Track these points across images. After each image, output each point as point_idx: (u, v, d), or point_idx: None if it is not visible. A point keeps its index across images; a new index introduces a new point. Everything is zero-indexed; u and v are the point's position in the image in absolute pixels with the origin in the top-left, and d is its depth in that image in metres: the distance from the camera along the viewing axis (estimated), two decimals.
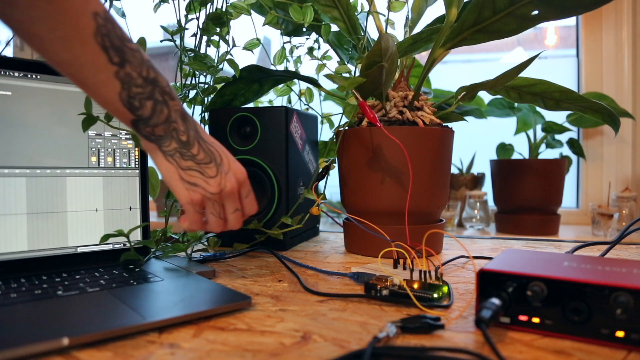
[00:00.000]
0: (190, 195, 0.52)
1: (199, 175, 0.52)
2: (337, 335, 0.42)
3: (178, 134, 0.51)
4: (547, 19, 0.65)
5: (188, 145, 0.51)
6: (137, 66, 0.47)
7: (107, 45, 0.45)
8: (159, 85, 0.49)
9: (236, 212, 0.56)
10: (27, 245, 0.60)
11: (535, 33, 1.50)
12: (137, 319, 0.42)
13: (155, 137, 0.50)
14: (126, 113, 0.48)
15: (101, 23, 0.44)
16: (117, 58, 0.46)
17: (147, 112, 0.49)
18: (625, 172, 1.30)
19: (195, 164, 0.52)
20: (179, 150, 0.51)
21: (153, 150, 0.51)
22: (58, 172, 0.62)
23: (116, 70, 0.46)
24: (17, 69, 0.61)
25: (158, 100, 0.49)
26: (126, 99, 0.47)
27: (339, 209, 1.28)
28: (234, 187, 0.54)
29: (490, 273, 0.43)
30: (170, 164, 0.51)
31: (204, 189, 0.52)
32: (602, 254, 0.68)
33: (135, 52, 0.47)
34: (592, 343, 0.39)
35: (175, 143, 0.51)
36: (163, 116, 0.50)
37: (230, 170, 0.54)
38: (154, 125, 0.50)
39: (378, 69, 0.67)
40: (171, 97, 0.50)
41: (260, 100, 1.07)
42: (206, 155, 0.53)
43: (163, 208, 1.44)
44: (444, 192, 0.79)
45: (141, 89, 0.48)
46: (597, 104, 0.78)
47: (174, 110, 0.51)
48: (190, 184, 0.52)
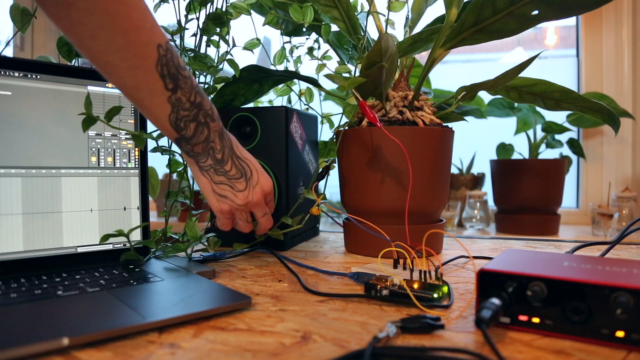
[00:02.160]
0: (220, 205, 0.61)
1: (229, 189, 0.60)
2: (337, 335, 0.42)
3: (214, 152, 0.57)
4: (547, 19, 0.65)
5: (222, 162, 0.58)
6: (187, 92, 0.52)
7: (165, 74, 0.50)
8: (203, 108, 0.55)
9: (265, 216, 0.66)
10: (22, 245, 0.60)
11: (535, 33, 1.50)
12: (137, 319, 0.42)
13: (194, 154, 0.57)
14: (172, 132, 0.54)
15: (162, 54, 0.49)
16: (172, 84, 0.51)
17: (190, 133, 0.54)
18: (625, 172, 1.30)
19: (226, 179, 0.59)
20: (213, 167, 0.58)
21: (191, 163, 0.59)
22: (53, 172, 0.62)
23: (169, 96, 0.51)
24: (17, 69, 0.61)
25: (200, 122, 0.55)
26: (174, 121, 0.53)
27: (339, 209, 1.28)
28: (260, 199, 0.62)
29: (490, 273, 0.43)
30: (205, 178, 0.59)
31: (232, 201, 0.60)
32: (602, 254, 0.68)
33: (187, 79, 0.52)
34: (592, 343, 0.39)
35: (210, 160, 0.58)
36: (203, 136, 0.56)
37: (259, 184, 0.62)
38: (194, 144, 0.56)
39: (378, 69, 0.67)
40: (212, 119, 0.56)
41: (260, 100, 1.07)
42: (237, 171, 0.60)
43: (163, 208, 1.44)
44: (444, 192, 0.79)
45: (188, 112, 0.53)
46: (597, 104, 0.78)
47: (213, 130, 0.57)
48: (221, 196, 0.60)
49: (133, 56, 0.47)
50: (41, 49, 1.47)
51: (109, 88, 0.68)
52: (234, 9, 0.82)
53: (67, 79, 0.64)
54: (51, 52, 1.46)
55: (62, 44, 0.75)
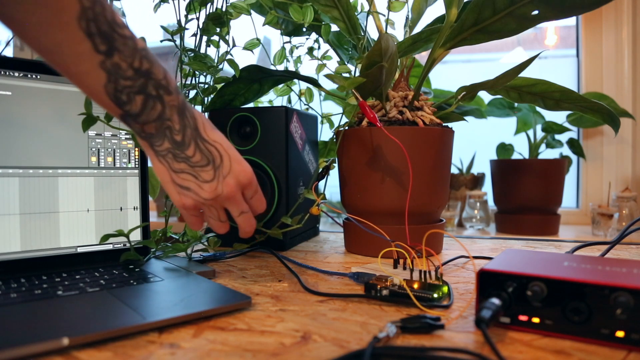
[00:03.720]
0: (182, 199, 0.49)
1: (192, 179, 0.48)
2: (337, 335, 0.42)
3: (172, 133, 0.46)
4: (547, 19, 0.65)
5: (182, 146, 0.47)
6: (128, 56, 0.42)
7: (92, 32, 0.40)
8: (154, 77, 0.44)
9: (242, 215, 0.53)
10: (20, 246, 0.60)
11: (535, 33, 1.50)
12: (137, 319, 0.42)
13: (146, 135, 0.46)
14: (113, 107, 0.44)
15: (87, 5, 0.39)
16: (104, 46, 0.41)
17: (136, 108, 0.44)
18: (625, 172, 1.30)
19: (188, 167, 0.48)
20: (171, 151, 0.47)
21: (145, 147, 0.48)
22: (50, 172, 0.62)
23: (102, 60, 0.41)
24: (17, 69, 0.61)
25: (150, 94, 0.44)
26: (112, 92, 0.43)
27: (339, 209, 1.28)
28: (232, 191, 0.50)
29: (490, 273, 0.43)
30: (162, 165, 0.48)
31: (196, 193, 0.49)
32: (602, 254, 0.68)
33: (127, 39, 0.42)
34: (592, 343, 0.39)
35: (168, 143, 0.47)
36: (155, 113, 0.45)
37: (231, 173, 0.50)
38: (143, 122, 0.45)
39: (378, 69, 0.67)
40: (167, 92, 0.46)
41: (260, 100, 1.07)
42: (203, 157, 0.48)
43: (163, 208, 1.44)
44: (444, 192, 0.79)
45: (131, 81, 0.43)
46: (597, 104, 0.78)
47: (170, 106, 0.46)
48: (182, 187, 0.49)
49: (43, 8, 0.37)
50: None
51: None
52: (234, 9, 0.82)
53: (67, 79, 0.64)
54: None
55: None
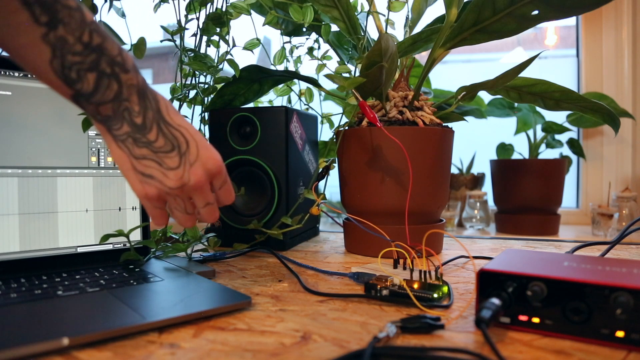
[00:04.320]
0: (144, 189, 0.45)
1: (155, 166, 0.44)
2: (337, 335, 0.42)
3: (131, 115, 0.43)
4: (547, 19, 0.65)
5: (144, 129, 0.43)
6: (76, 29, 0.38)
7: (29, 0, 0.36)
8: (107, 53, 0.40)
9: (208, 207, 0.49)
10: (19, 246, 0.60)
11: (535, 33, 1.50)
12: (137, 319, 0.42)
13: (102, 118, 0.42)
14: (62, 86, 0.40)
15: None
16: (45, 17, 0.37)
17: (88, 87, 0.40)
18: (625, 172, 1.30)
19: (151, 153, 0.44)
20: (131, 135, 0.43)
21: (103, 132, 0.44)
22: (49, 172, 0.62)
23: (44, 32, 0.37)
24: (17, 69, 0.61)
25: (104, 72, 0.40)
26: (59, 69, 0.39)
27: (339, 209, 1.28)
28: (200, 180, 0.46)
29: (490, 273, 0.43)
30: (121, 151, 0.44)
31: (161, 182, 0.45)
32: (602, 254, 0.68)
33: (73, 10, 0.39)
34: (592, 343, 0.39)
35: (127, 126, 0.43)
36: (111, 92, 0.41)
37: (198, 160, 0.46)
38: (98, 102, 0.41)
39: (378, 69, 0.67)
40: (124, 69, 0.42)
41: (260, 100, 1.07)
42: (167, 142, 0.44)
43: None
44: (444, 192, 0.79)
45: (80, 57, 0.39)
46: (597, 104, 0.78)
47: (127, 85, 0.42)
48: (144, 175, 0.44)
49: None
50: None
51: None
52: (234, 9, 0.82)
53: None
54: None
55: None
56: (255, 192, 0.84)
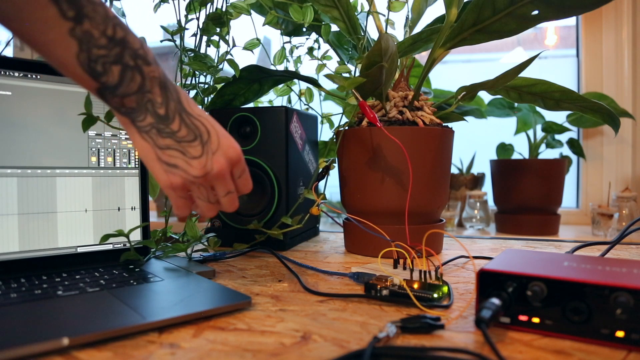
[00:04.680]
0: (169, 178, 0.45)
1: (179, 156, 0.45)
2: (337, 335, 0.42)
3: (154, 106, 0.44)
4: (547, 19, 0.65)
5: (167, 119, 0.44)
6: (100, 23, 0.40)
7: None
8: (130, 46, 0.42)
9: (229, 195, 0.49)
10: (18, 246, 0.60)
11: (535, 33, 1.50)
12: (137, 319, 0.42)
13: (127, 110, 0.43)
14: (88, 80, 0.41)
15: None
16: (72, 12, 0.38)
17: (113, 79, 0.41)
18: (625, 172, 1.30)
19: (175, 142, 0.45)
20: (155, 126, 0.44)
21: (126, 124, 0.45)
22: (48, 172, 0.62)
23: (71, 27, 0.38)
24: (17, 69, 0.61)
25: (128, 65, 0.42)
26: (86, 63, 0.40)
27: (339, 209, 1.28)
28: (223, 168, 0.47)
29: (490, 273, 0.43)
30: (145, 142, 0.44)
31: (185, 171, 0.45)
32: (602, 254, 0.68)
33: (97, 6, 0.40)
34: (592, 343, 0.39)
35: (151, 117, 0.44)
36: (135, 84, 0.42)
37: (220, 149, 0.47)
38: (123, 95, 0.42)
39: (378, 69, 0.67)
40: (146, 62, 0.43)
41: (260, 100, 1.07)
42: (189, 132, 0.45)
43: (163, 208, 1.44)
44: (444, 192, 0.79)
45: (105, 50, 0.40)
46: (597, 104, 0.78)
47: (150, 77, 0.43)
48: (169, 165, 0.45)
49: None
50: None
51: None
52: (234, 9, 0.82)
53: (67, 79, 0.64)
54: None
55: None
56: (256, 192, 0.84)
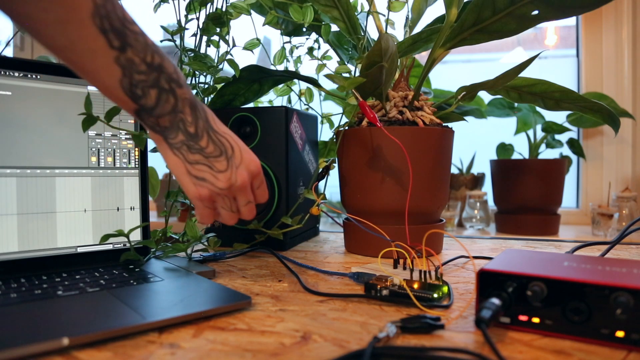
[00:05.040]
0: (198, 190, 0.50)
1: (207, 170, 0.50)
2: (337, 335, 0.42)
3: (185, 125, 0.48)
4: (547, 19, 0.65)
5: (196, 137, 0.49)
6: (140, 51, 0.44)
7: (106, 28, 0.41)
8: (165, 71, 0.46)
9: (248, 205, 0.54)
10: (17, 246, 0.60)
11: (535, 33, 1.50)
12: (137, 319, 0.42)
13: (161, 129, 0.48)
14: (129, 102, 0.45)
15: (99, 3, 0.41)
16: (118, 42, 0.42)
17: (151, 102, 0.46)
18: (625, 172, 1.30)
19: (203, 158, 0.49)
20: (186, 143, 0.48)
21: (159, 141, 0.49)
22: (47, 172, 0.62)
23: (116, 56, 0.43)
24: (17, 69, 0.61)
25: (164, 88, 0.46)
26: (128, 87, 0.44)
27: (339, 209, 1.28)
28: (245, 181, 0.52)
29: (490, 273, 0.43)
30: (177, 158, 0.49)
31: (212, 184, 0.50)
32: (602, 254, 0.68)
33: (138, 35, 0.44)
34: (592, 343, 0.39)
35: (182, 135, 0.48)
36: (169, 106, 0.47)
37: (242, 163, 0.52)
38: (158, 115, 0.47)
39: (378, 69, 0.67)
40: (179, 85, 0.47)
41: (260, 100, 1.07)
42: (216, 148, 0.50)
43: (163, 208, 1.44)
44: (444, 192, 0.79)
45: (144, 75, 0.44)
46: (597, 104, 0.78)
47: (182, 99, 0.48)
48: (198, 178, 0.50)
49: (59, 6, 0.38)
50: (41, 49, 1.47)
51: None
52: (234, 9, 0.82)
53: (67, 79, 0.64)
54: None
55: None
56: None
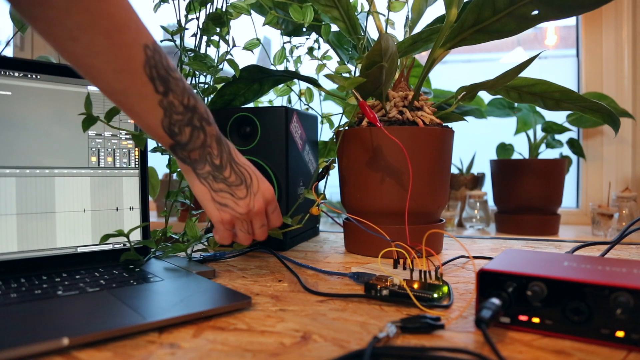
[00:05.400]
0: (220, 215, 0.56)
1: (229, 197, 0.56)
2: (337, 335, 0.42)
3: (212, 157, 0.54)
4: (547, 19, 0.65)
5: (221, 168, 0.55)
6: (180, 95, 0.50)
7: (154, 76, 0.47)
8: (198, 112, 0.52)
9: (262, 228, 0.60)
10: (16, 246, 0.60)
11: (535, 33, 1.50)
12: (137, 319, 0.42)
13: (191, 161, 0.53)
14: (166, 138, 0.51)
15: (150, 55, 0.47)
16: (162, 87, 0.48)
17: (185, 138, 0.51)
18: (625, 172, 1.30)
19: (226, 186, 0.55)
20: (212, 173, 0.54)
21: (188, 171, 0.55)
22: (47, 172, 0.62)
23: (160, 99, 0.48)
24: (17, 69, 0.61)
25: (196, 126, 0.52)
26: (167, 126, 0.50)
27: (339, 209, 1.28)
28: (262, 207, 0.58)
29: (490, 273, 0.43)
30: (203, 186, 0.55)
31: (233, 209, 0.56)
32: (602, 254, 0.68)
33: (178, 81, 0.50)
34: (592, 343, 0.39)
35: (208, 166, 0.54)
36: (199, 141, 0.52)
37: (259, 191, 0.58)
38: (190, 150, 0.52)
39: (378, 69, 0.67)
40: (208, 123, 0.53)
41: (260, 100, 1.07)
42: (237, 178, 0.56)
43: (163, 208, 1.44)
44: (444, 192, 0.79)
45: (181, 116, 0.50)
46: (597, 104, 0.78)
47: (210, 135, 0.53)
48: (221, 204, 0.56)
49: (118, 59, 0.45)
50: (41, 49, 1.47)
51: None
52: (234, 9, 0.82)
53: (67, 79, 0.64)
54: (51, 52, 1.46)
55: None
56: None
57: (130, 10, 0.45)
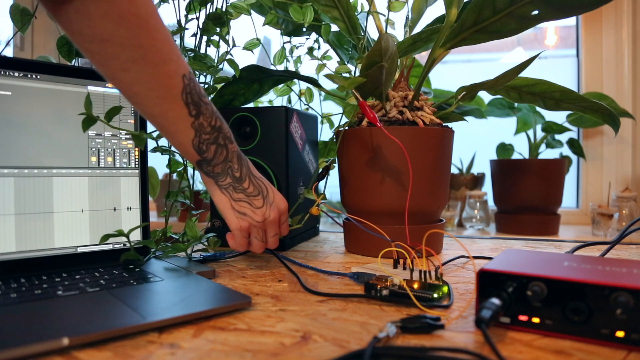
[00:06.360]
0: (239, 222, 0.61)
1: (247, 206, 0.61)
2: (337, 335, 0.42)
3: (233, 171, 0.60)
4: (547, 19, 0.65)
5: (240, 180, 0.60)
6: (209, 117, 0.56)
7: (189, 102, 0.53)
8: (222, 131, 0.58)
9: (275, 236, 0.65)
10: (15, 246, 0.60)
11: (535, 33, 1.50)
12: (137, 319, 0.42)
13: (214, 174, 0.59)
14: (194, 155, 0.57)
15: (187, 83, 0.52)
16: (195, 111, 0.54)
17: (210, 155, 0.57)
18: (625, 172, 1.31)
19: (245, 196, 0.61)
20: (232, 185, 0.60)
21: (210, 183, 0.60)
22: (45, 172, 0.62)
23: (193, 121, 0.54)
24: (17, 69, 0.61)
25: (220, 144, 0.58)
26: (197, 145, 0.56)
27: (339, 209, 1.28)
28: (276, 216, 0.63)
29: (490, 273, 0.43)
30: (224, 196, 0.60)
31: (251, 217, 0.61)
32: (602, 254, 0.68)
33: (208, 105, 0.56)
34: (592, 343, 0.39)
35: (229, 178, 0.60)
36: (222, 157, 0.58)
37: (274, 202, 0.63)
38: (214, 165, 0.58)
39: (378, 69, 0.67)
40: (230, 141, 0.59)
41: (260, 100, 1.07)
42: (255, 189, 0.61)
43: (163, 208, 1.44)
44: (444, 192, 0.79)
45: (209, 135, 0.56)
46: (597, 104, 0.78)
47: (232, 152, 0.59)
48: (240, 213, 0.61)
49: (161, 87, 0.50)
50: (41, 49, 1.47)
51: (109, 88, 0.68)
52: (234, 9, 0.82)
53: (67, 79, 0.64)
54: (51, 52, 1.46)
55: (62, 44, 0.75)
56: None
57: (172, 44, 0.51)
